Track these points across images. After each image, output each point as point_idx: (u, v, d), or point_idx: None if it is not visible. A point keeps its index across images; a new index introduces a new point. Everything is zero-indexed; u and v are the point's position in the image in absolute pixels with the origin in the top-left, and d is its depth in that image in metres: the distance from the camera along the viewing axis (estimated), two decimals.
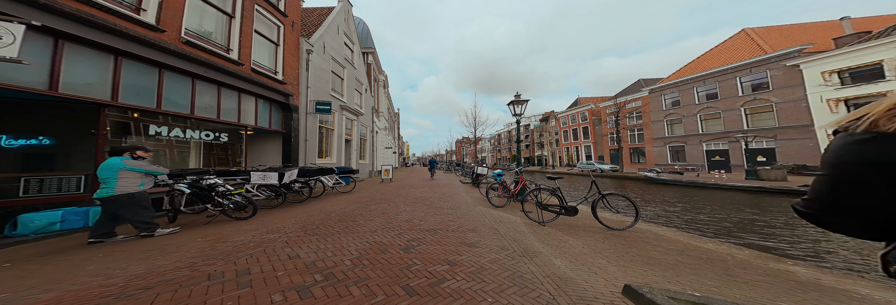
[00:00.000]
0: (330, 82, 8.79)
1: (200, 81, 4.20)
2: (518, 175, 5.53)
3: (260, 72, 5.23)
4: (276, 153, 6.03)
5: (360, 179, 11.03)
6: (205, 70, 4.09)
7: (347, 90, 10.66)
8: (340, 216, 3.74)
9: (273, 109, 5.80)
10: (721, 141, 18.41)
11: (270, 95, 5.49)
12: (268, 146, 6.13)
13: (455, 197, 6.25)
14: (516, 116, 5.93)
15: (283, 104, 5.96)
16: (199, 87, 4.15)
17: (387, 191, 7.11)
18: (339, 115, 9.52)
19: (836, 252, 3.31)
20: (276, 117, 5.92)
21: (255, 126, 5.25)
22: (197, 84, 4.10)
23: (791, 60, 14.43)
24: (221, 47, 4.50)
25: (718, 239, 3.59)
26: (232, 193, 3.16)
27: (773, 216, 5.88)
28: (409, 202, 5.43)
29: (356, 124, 11.53)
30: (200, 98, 4.20)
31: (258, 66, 5.30)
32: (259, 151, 6.12)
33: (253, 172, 3.62)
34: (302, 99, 6.66)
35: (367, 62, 15.36)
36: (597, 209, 3.16)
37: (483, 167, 8.96)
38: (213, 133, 4.47)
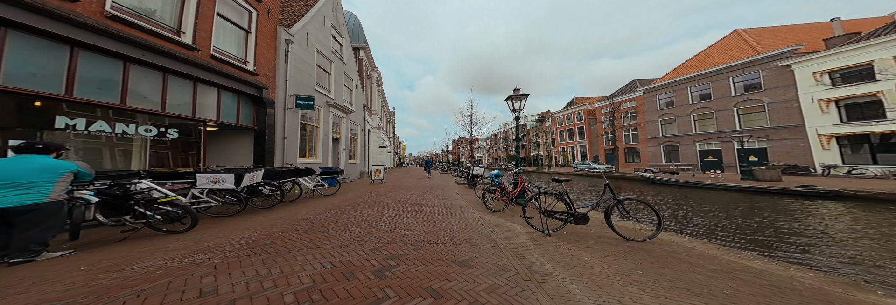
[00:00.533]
0: (314, 77, 8.16)
1: (137, 66, 3.50)
2: (517, 176, 5.07)
3: (223, 60, 4.59)
4: (248, 152, 5.38)
5: (349, 180, 10.41)
6: (142, 53, 3.42)
7: (335, 86, 10.03)
8: (310, 225, 3.18)
9: (242, 103, 5.15)
10: (714, 141, 18.51)
11: (238, 87, 4.85)
12: (237, 145, 5.47)
13: (448, 200, 5.75)
14: (515, 111, 5.47)
15: (256, 98, 5.32)
16: (134, 72, 3.46)
17: (375, 193, 6.55)
18: (326, 111, 8.89)
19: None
20: (246, 112, 5.27)
21: (217, 121, 4.60)
22: (131, 69, 3.42)
23: (783, 60, 14.53)
24: (169, 29, 3.85)
25: (756, 252, 3.17)
26: (159, 201, 2.53)
27: (794, 221, 5.54)
28: (398, 205, 4.90)
29: (345, 122, 10.89)
30: (137, 85, 3.50)
31: (221, 53, 4.65)
32: (226, 149, 5.45)
33: (200, 174, 2.99)
34: (279, 93, 6.04)
35: (359, 58, 14.73)
36: (611, 216, 2.70)
37: (479, 168, 8.49)
38: (156, 128, 3.81)
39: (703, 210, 7.06)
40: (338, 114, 10.09)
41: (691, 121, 19.97)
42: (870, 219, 5.64)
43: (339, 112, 10.14)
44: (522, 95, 5.39)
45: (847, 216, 6.05)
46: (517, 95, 5.39)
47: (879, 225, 5.03)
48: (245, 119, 5.22)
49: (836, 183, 9.94)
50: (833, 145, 13.00)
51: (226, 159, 5.40)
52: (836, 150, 12.97)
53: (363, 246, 2.41)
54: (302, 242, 2.50)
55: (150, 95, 3.65)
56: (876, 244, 3.75)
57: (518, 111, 5.47)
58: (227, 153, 5.45)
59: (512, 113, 5.57)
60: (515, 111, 5.47)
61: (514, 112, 5.49)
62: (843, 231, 4.63)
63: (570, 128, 34.30)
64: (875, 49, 11.39)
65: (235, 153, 5.45)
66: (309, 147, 7.98)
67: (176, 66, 3.77)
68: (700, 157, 19.48)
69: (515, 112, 5.49)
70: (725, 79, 17.67)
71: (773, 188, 9.69)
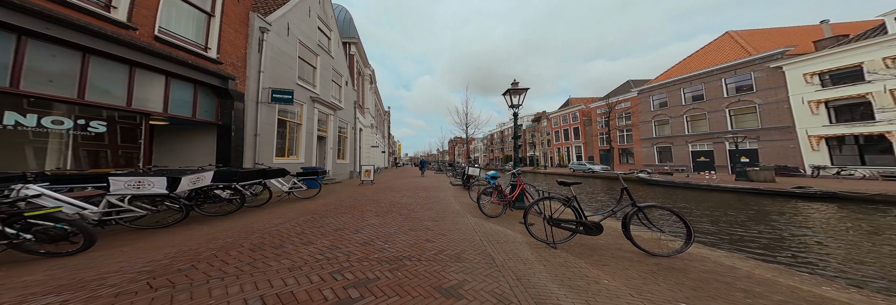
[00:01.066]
0: (296, 70, 7.53)
1: (40, 42, 2.82)
2: (515, 178, 4.63)
3: (174, 44, 3.92)
4: (210, 151, 4.73)
5: (337, 181, 9.79)
6: (47, 26, 2.75)
7: (321, 81, 9.40)
8: (264, 238, 2.62)
9: (200, 95, 4.48)
10: (706, 142, 18.65)
11: (195, 76, 4.20)
12: (197, 143, 4.79)
13: (441, 203, 5.26)
14: (513, 107, 5.03)
15: (220, 89, 4.67)
16: (35, 49, 2.78)
17: (361, 196, 6.00)
18: (310, 107, 8.26)
19: None
20: (206, 105, 4.61)
21: (165, 114, 3.94)
22: (30, 45, 2.75)
23: (774, 61, 14.67)
24: (94, 2, 3.21)
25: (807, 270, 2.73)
26: (27, 215, 1.84)
27: (812, 227, 5.24)
28: (382, 210, 4.38)
29: (333, 120, 10.27)
30: (40, 65, 2.82)
31: (171, 35, 3.99)
32: (183, 148, 4.77)
33: (114, 178, 2.35)
34: (250, 85, 5.41)
35: (349, 53, 14.08)
36: (630, 226, 2.26)
37: (474, 168, 8.03)
38: (69, 120, 3.13)
39: (709, 213, 6.79)
40: (324, 110, 9.46)
41: (684, 122, 20.11)
42: (878, 223, 5.45)
43: (325, 109, 9.51)
44: (521, 88, 4.95)
45: (863, 221, 5.83)
46: (515, 88, 4.96)
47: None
48: (205, 113, 4.56)
49: (828, 184, 9.93)
50: (822, 146, 13.15)
51: (183, 158, 4.73)
52: (825, 151, 13.12)
53: (322, 268, 1.89)
54: (238, 264, 1.92)
55: (61, 79, 2.95)
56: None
57: (516, 107, 5.03)
58: (183, 152, 4.77)
59: (509, 109, 5.13)
60: (513, 107, 5.04)
61: (512, 108, 5.06)
62: (879, 242, 4.27)
63: (566, 128, 34.34)
64: (865, 51, 11.54)
65: (194, 152, 4.78)
66: (289, 146, 7.35)
67: (102, 46, 3.10)
68: (692, 157, 19.62)
69: (513, 108, 5.05)
70: (718, 80, 17.82)
71: (769, 190, 9.60)
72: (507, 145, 54.50)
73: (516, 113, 5.07)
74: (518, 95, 5.01)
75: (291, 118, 7.41)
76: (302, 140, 7.63)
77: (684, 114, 20.04)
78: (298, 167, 6.99)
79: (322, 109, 9.23)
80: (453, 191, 7.58)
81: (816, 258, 3.47)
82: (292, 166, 7.01)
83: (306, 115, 7.87)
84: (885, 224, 5.34)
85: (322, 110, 9.27)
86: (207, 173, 3.05)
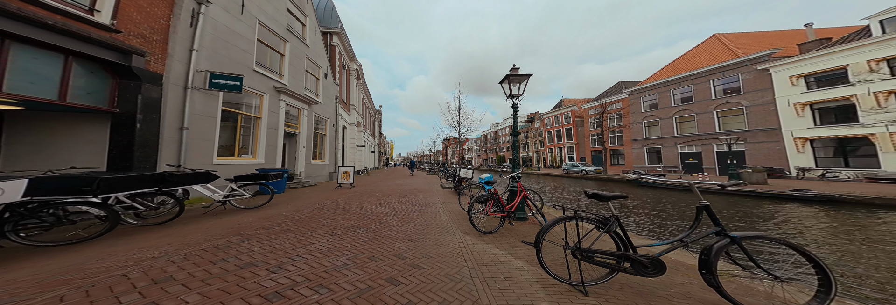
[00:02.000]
0: (253, 54, 6.37)
1: None
2: (515, 182, 3.79)
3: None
4: (100, 148, 3.46)
5: (310, 184, 8.64)
6: None
7: (292, 70, 8.24)
8: (72, 294, 1.57)
9: (78, 71, 3.16)
10: (694, 144, 18.80)
11: (66, 44, 3.02)
12: (82, 136, 3.49)
13: (425, 212, 4.35)
14: (512, 97, 4.20)
15: (118, 67, 3.46)
16: None
17: (328, 203, 4.96)
18: (274, 99, 7.11)
19: None
20: (91, 86, 3.30)
21: (17, 96, 2.77)
22: None
23: (761, 64, 14.84)
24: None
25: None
26: None
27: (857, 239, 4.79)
28: (345, 224, 3.40)
29: (307, 115, 9.10)
30: None
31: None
32: (52, 143, 3.48)
33: None
34: (174, 65, 4.22)
35: (330, 44, 12.89)
36: (716, 264, 1.41)
37: (466, 169, 7.18)
38: None
39: (731, 219, 6.26)
40: (295, 104, 8.30)
41: (673, 123, 20.25)
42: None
43: (296, 102, 8.35)
44: (522, 75, 4.13)
45: (883, 226, 5.46)
46: (516, 74, 4.13)
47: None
48: (89, 97, 3.31)
49: (819, 186, 9.86)
50: (807, 148, 13.33)
51: (55, 158, 3.41)
52: (810, 153, 13.30)
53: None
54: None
55: None
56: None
57: (516, 97, 4.21)
58: (56, 149, 3.47)
59: (508, 99, 4.29)
60: (513, 97, 4.21)
61: (511, 98, 4.23)
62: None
63: (559, 129, 34.33)
64: (849, 53, 11.72)
65: (76, 149, 3.52)
66: (243, 143, 6.18)
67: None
68: (681, 159, 19.77)
69: (512, 98, 4.22)
70: (706, 82, 17.99)
71: (767, 192, 9.37)
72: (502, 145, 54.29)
73: (516, 104, 4.24)
74: (519, 82, 4.19)
75: (246, 111, 6.25)
76: (262, 137, 6.48)
77: (673, 115, 20.19)
78: (253, 169, 5.85)
79: (292, 103, 8.07)
80: (443, 196, 6.68)
81: None
82: (246, 167, 5.86)
83: (268, 107, 6.72)
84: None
85: (292, 104, 8.11)
86: (17, 183, 1.92)
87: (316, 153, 10.35)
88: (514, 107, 4.25)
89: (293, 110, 8.56)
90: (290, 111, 8.48)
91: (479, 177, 4.59)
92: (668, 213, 7.18)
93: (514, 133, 4.16)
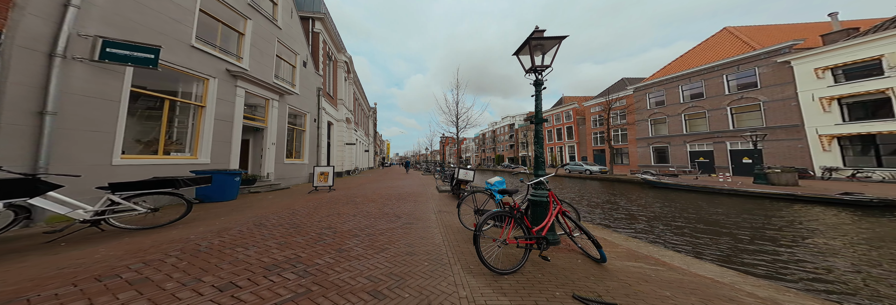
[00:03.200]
0: (191, 28, 4.96)
1: None
2: (539, 190, 2.51)
3: None
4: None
5: (281, 186, 7.27)
6: None
7: (255, 53, 6.86)
8: None
9: None
10: (705, 142, 17.80)
11: None
12: None
13: (412, 231, 3.04)
14: (535, 70, 2.92)
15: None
16: None
17: (280, 216, 3.61)
18: (226, 85, 5.73)
19: None
20: None
21: None
22: None
23: (781, 56, 13.83)
24: None
25: None
26: None
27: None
28: (277, 259, 2.06)
29: (277, 106, 7.72)
30: None
31: None
32: None
33: None
34: (25, 21, 2.79)
35: (313, 30, 11.49)
36: None
37: (467, 170, 5.93)
38: None
39: (789, 233, 5.04)
40: (260, 93, 6.92)
41: (682, 121, 19.25)
42: None
43: (262, 91, 6.97)
44: (551, 38, 2.85)
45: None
46: (540, 38, 2.84)
47: None
48: None
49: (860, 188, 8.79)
50: (834, 146, 12.33)
51: None
52: (837, 151, 12.30)
53: None
54: None
55: None
56: None
57: (541, 71, 2.92)
58: None
59: (528, 74, 3.01)
60: (536, 70, 2.92)
61: (534, 72, 2.94)
62: None
63: (559, 128, 33.28)
64: (885, 42, 10.71)
65: None
66: (177, 137, 4.80)
67: None
68: (691, 158, 18.76)
69: (536, 72, 2.94)
70: (719, 77, 16.98)
71: (807, 196, 8.24)
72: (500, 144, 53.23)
73: (540, 81, 2.95)
74: (543, 51, 2.91)
75: (183, 97, 4.86)
76: (206, 131, 5.10)
77: (682, 112, 19.18)
78: (188, 170, 4.47)
79: (255, 91, 6.69)
80: (438, 201, 5.41)
81: None
82: (179, 168, 4.48)
83: (215, 94, 5.33)
84: None
85: (256, 92, 6.73)
86: None
87: (292, 152, 8.97)
88: (537, 84, 2.97)
89: (259, 101, 7.17)
90: (255, 102, 7.10)
91: (486, 181, 3.30)
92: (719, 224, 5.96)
93: (537, 120, 2.88)
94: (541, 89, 2.96)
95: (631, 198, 9.75)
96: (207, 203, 4.62)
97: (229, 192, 4.97)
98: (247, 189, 6.10)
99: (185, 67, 4.68)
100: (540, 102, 2.96)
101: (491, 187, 3.08)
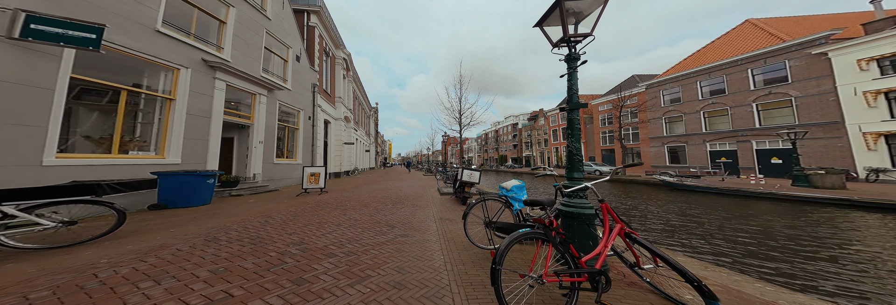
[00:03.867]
0: (157, 11, 4.35)
1: None
2: (582, 197, 1.75)
3: None
4: None
5: (269, 188, 6.64)
6: None
7: (239, 44, 6.28)
8: None
9: None
10: (728, 141, 16.59)
11: None
12: None
13: (405, 249, 2.28)
14: (566, 43, 2.14)
15: None
16: None
17: (247, 227, 2.92)
18: (201, 76, 5.12)
19: None
20: None
21: None
22: None
23: (816, 47, 12.65)
24: None
25: None
26: None
27: None
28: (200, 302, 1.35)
29: (264, 102, 7.12)
30: None
31: None
32: None
33: None
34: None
35: (307, 24, 10.95)
36: None
37: (472, 170, 5.20)
38: None
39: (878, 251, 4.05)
40: (244, 87, 6.32)
41: (701, 118, 18.06)
42: None
43: (247, 85, 6.37)
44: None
45: None
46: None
47: None
48: None
49: None
50: (881, 144, 11.10)
51: None
52: (884, 151, 11.07)
53: None
54: None
55: None
56: None
57: (576, 42, 2.15)
58: None
59: (556, 47, 2.24)
60: (570, 42, 2.14)
61: (566, 44, 2.17)
62: None
63: (564, 126, 32.15)
64: None
65: None
66: (141, 134, 4.18)
67: None
68: (711, 158, 17.54)
69: (567, 45, 2.17)
70: (742, 71, 15.80)
71: (868, 201, 7.17)
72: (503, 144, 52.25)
73: (575, 56, 2.16)
74: (579, 14, 2.13)
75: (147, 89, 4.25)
76: (176, 127, 4.47)
77: (701, 110, 18.00)
78: (148, 172, 3.84)
79: (238, 85, 6.08)
80: (440, 206, 4.67)
81: None
82: (139, 169, 3.85)
83: (187, 86, 4.71)
84: None
85: (239, 86, 6.12)
86: None
87: (283, 151, 8.36)
88: (570, 60, 2.18)
89: (244, 95, 6.58)
90: (239, 96, 6.51)
91: (499, 186, 2.53)
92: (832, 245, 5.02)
93: (573, 104, 2.11)
94: (576, 66, 2.18)
95: (657, 203, 8.79)
96: (171, 210, 3.98)
97: (200, 196, 4.32)
98: (227, 192, 5.48)
99: (148, 53, 4.07)
100: (575, 83, 2.18)
101: (508, 193, 2.32)
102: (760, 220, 6.15)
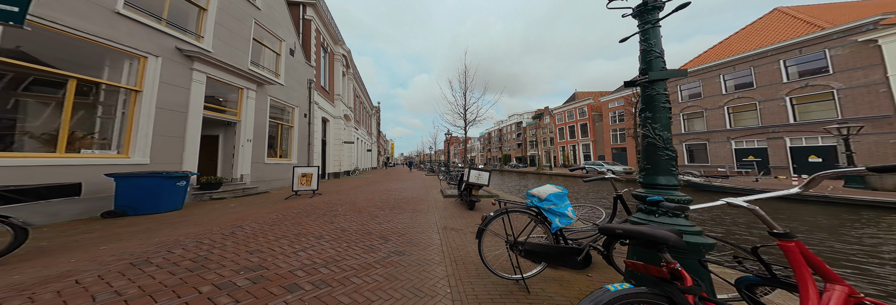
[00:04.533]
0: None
1: None
2: (683, 215, 1.05)
3: None
4: None
5: (259, 191, 6.08)
6: None
7: (221, 33, 5.73)
8: None
9: None
10: (756, 138, 15.30)
11: None
12: None
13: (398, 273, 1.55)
14: (642, 9, 1.38)
15: None
16: None
17: (201, 242, 2.27)
18: (175, 67, 4.56)
19: None
20: None
21: None
22: None
23: (863, 34, 11.38)
24: None
25: None
26: None
27: None
28: None
29: (253, 97, 6.57)
30: None
31: None
32: None
33: None
34: None
35: (303, 17, 10.43)
36: None
37: (480, 170, 4.51)
38: None
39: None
40: (230, 80, 5.76)
41: (725, 114, 16.78)
42: None
43: (232, 78, 5.81)
44: None
45: None
46: None
47: None
48: None
49: None
50: None
51: None
52: None
53: None
54: None
55: None
56: None
57: (652, 7, 1.39)
58: None
59: (611, 2, 1.49)
60: (643, 9, 1.39)
61: (640, 10, 1.41)
62: None
63: (571, 125, 31.02)
64: None
65: None
66: (80, 130, 3.61)
67: None
68: (736, 156, 16.26)
69: (641, 9, 1.41)
70: (773, 63, 14.52)
71: None
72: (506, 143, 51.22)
73: (657, 4, 1.41)
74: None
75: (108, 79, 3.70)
76: (143, 122, 3.91)
77: (725, 105, 16.73)
78: (103, 173, 3.26)
79: (221, 77, 5.51)
80: (443, 212, 4.00)
81: None
82: (94, 169, 3.28)
83: (157, 77, 4.14)
84: None
85: (222, 78, 5.56)
86: None
87: (276, 150, 7.82)
88: (644, 23, 1.43)
89: (230, 90, 6.03)
90: (224, 90, 5.96)
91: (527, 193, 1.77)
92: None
93: (657, 73, 1.36)
94: (658, 19, 1.42)
95: None
96: (129, 217, 3.40)
97: (168, 200, 3.74)
98: (208, 195, 4.91)
99: (105, 37, 3.51)
100: (658, 42, 1.43)
101: (541, 203, 1.59)
102: (828, 228, 5.18)
